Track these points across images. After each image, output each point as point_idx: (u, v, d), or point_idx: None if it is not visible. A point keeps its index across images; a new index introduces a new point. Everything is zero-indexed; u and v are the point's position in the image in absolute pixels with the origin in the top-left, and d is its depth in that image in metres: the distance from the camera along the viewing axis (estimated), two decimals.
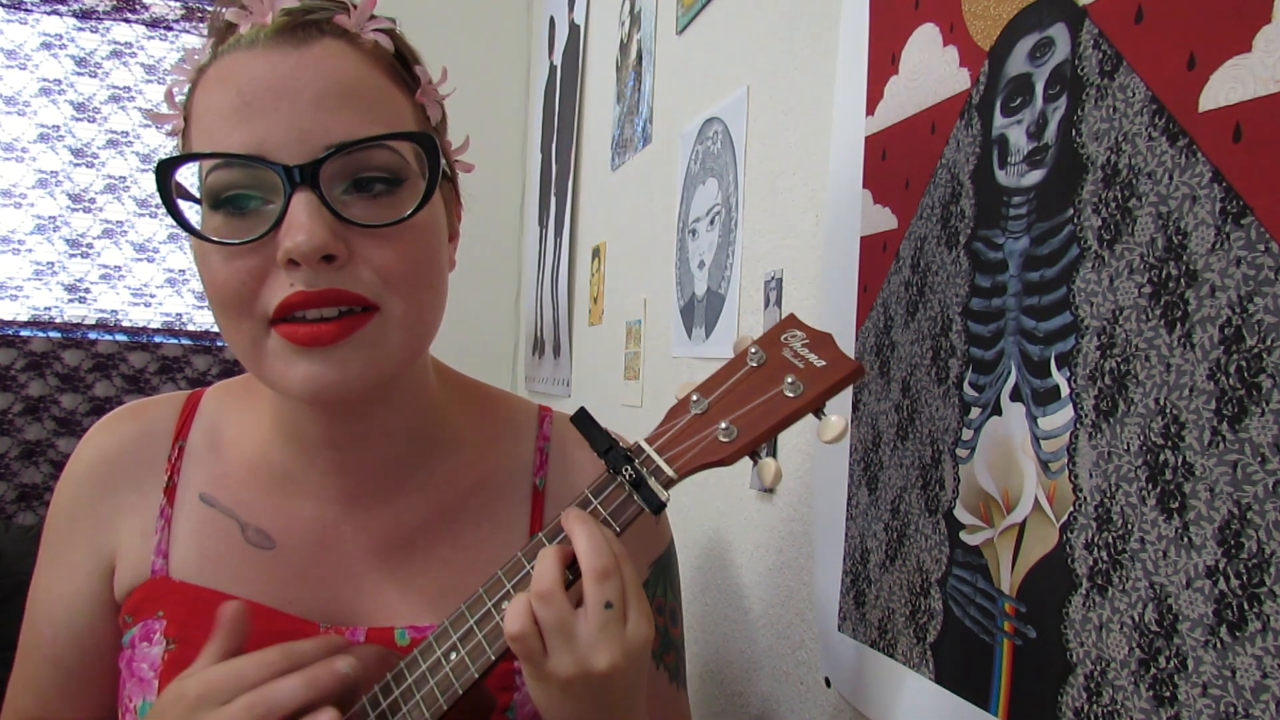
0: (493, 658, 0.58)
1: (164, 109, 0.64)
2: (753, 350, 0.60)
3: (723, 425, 0.58)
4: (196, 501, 0.72)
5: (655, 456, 0.59)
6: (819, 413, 0.58)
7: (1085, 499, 0.52)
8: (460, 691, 0.58)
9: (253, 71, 0.58)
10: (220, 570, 0.69)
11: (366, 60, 0.61)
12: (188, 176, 0.62)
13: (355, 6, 0.63)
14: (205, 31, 0.64)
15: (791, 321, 0.62)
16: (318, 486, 0.71)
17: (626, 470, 0.58)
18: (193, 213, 0.62)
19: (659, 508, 0.58)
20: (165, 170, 0.60)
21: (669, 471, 0.58)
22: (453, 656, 0.59)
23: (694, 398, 0.60)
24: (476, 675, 0.58)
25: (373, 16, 0.63)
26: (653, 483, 0.58)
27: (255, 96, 0.58)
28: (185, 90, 0.63)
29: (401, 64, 0.65)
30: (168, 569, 0.70)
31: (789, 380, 0.58)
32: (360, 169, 0.59)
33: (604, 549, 0.56)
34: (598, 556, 0.55)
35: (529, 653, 0.55)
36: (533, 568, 0.58)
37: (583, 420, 0.61)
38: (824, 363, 0.58)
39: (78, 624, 0.73)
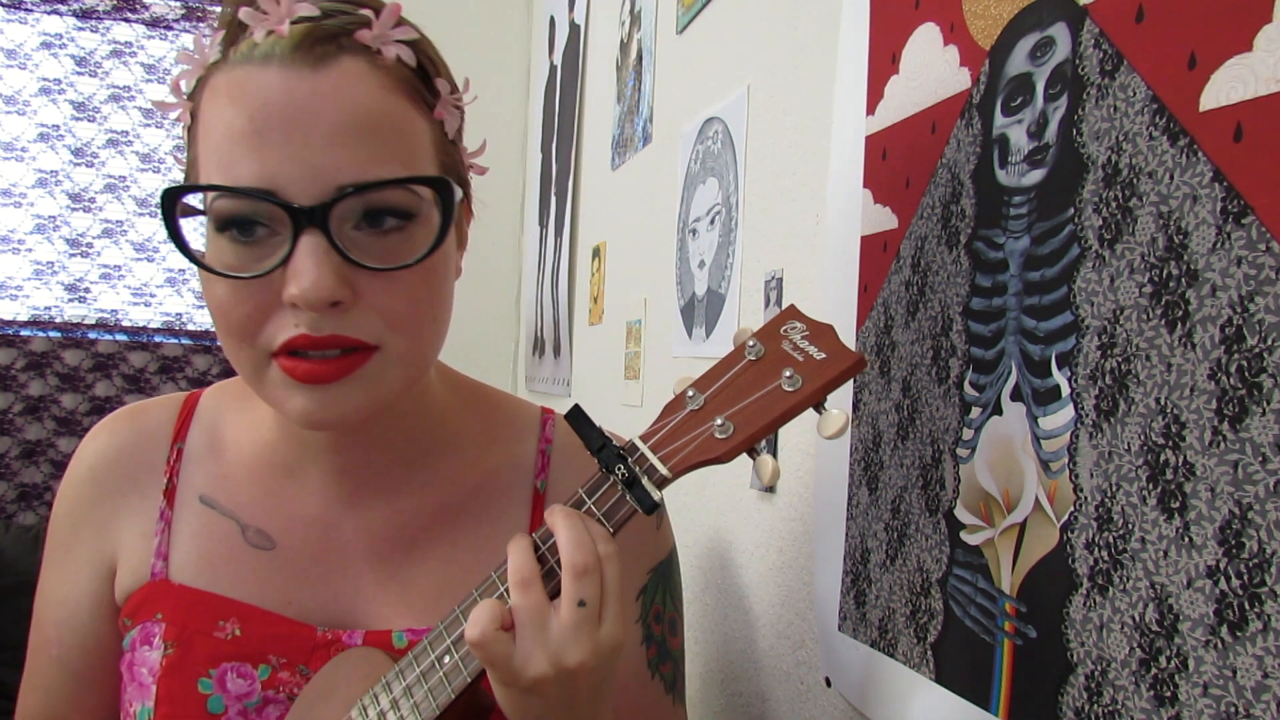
0: None
1: (170, 98, 0.62)
2: (751, 343, 0.58)
3: (719, 421, 0.56)
4: (196, 503, 0.72)
5: (649, 454, 0.57)
6: (819, 407, 0.56)
7: (1086, 499, 0.52)
8: (453, 695, 0.58)
9: (266, 95, 0.56)
10: (220, 572, 0.69)
11: (386, 84, 0.59)
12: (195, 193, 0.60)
13: (378, 16, 0.59)
14: (215, 23, 0.61)
15: (792, 313, 0.60)
16: (318, 486, 0.70)
17: (619, 469, 0.57)
18: (196, 226, 0.61)
19: (652, 508, 0.56)
20: (171, 199, 0.58)
21: (663, 470, 0.57)
22: (446, 660, 0.59)
23: (690, 393, 0.58)
24: (469, 679, 0.58)
25: (400, 22, 0.60)
26: (646, 482, 0.57)
27: (267, 125, 0.56)
28: (193, 82, 0.61)
29: (423, 78, 0.62)
30: (167, 571, 0.70)
31: (787, 374, 0.56)
32: (372, 206, 0.57)
33: (585, 545, 0.55)
34: (578, 552, 0.54)
35: (493, 658, 0.54)
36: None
37: (576, 417, 0.60)
38: (824, 355, 0.56)
39: (81, 626, 0.73)
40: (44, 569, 0.75)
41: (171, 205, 0.58)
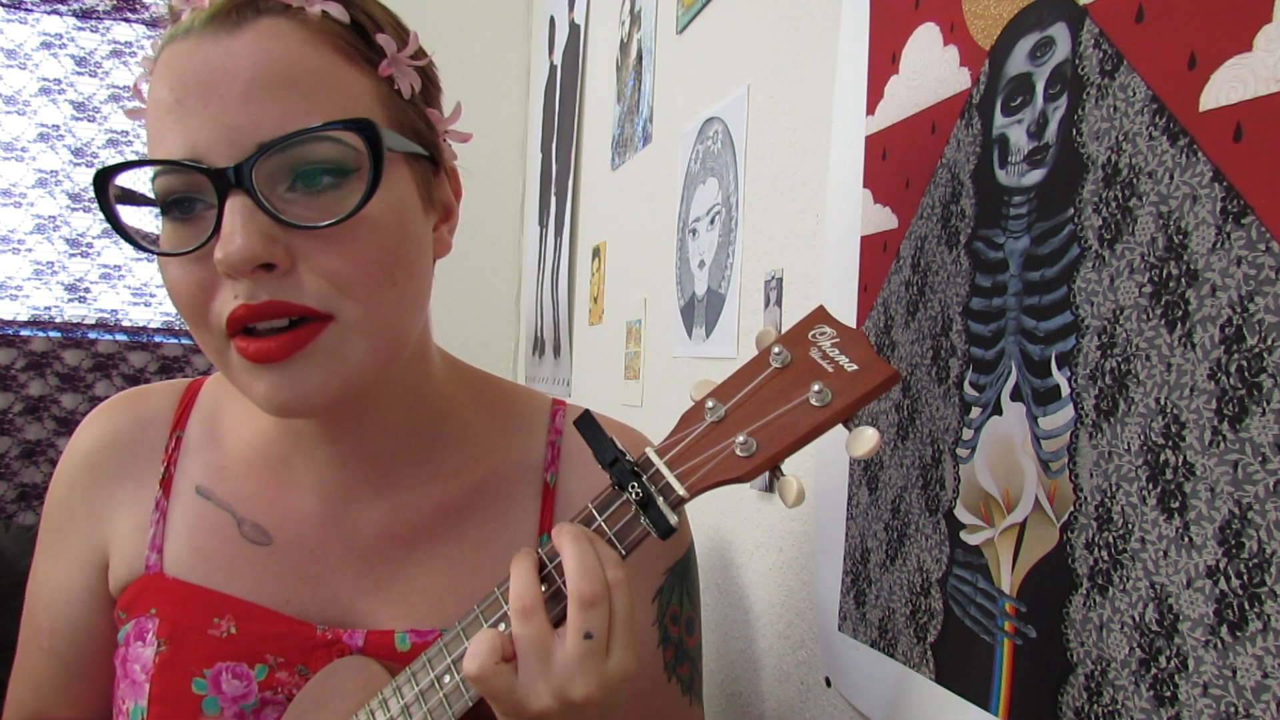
0: None
1: (136, 104, 0.61)
2: (776, 350, 0.54)
3: (740, 438, 0.52)
4: (193, 494, 0.70)
5: (665, 472, 0.53)
6: (848, 423, 0.52)
7: (1085, 499, 0.52)
8: (454, 718, 0.56)
9: (184, 64, 0.54)
10: (215, 567, 0.68)
11: (310, 38, 0.56)
12: (144, 181, 0.59)
13: None
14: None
15: (820, 316, 0.56)
16: (317, 480, 0.68)
17: (633, 488, 0.53)
18: (153, 216, 0.59)
19: (667, 532, 0.52)
20: (103, 180, 0.57)
21: (679, 490, 0.53)
22: (446, 680, 0.57)
23: (710, 403, 0.54)
24: (470, 704, 0.56)
25: None
26: (661, 503, 0.53)
27: (186, 94, 0.54)
28: (148, 83, 0.60)
29: (360, 36, 0.58)
30: (162, 564, 0.68)
31: (816, 388, 0.52)
32: (301, 163, 0.54)
33: (594, 573, 0.52)
34: (586, 581, 0.51)
35: (494, 691, 0.52)
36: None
37: (586, 425, 0.55)
38: (856, 367, 0.52)
39: (74, 617, 0.71)
40: (37, 556, 0.73)
41: (104, 186, 0.57)
